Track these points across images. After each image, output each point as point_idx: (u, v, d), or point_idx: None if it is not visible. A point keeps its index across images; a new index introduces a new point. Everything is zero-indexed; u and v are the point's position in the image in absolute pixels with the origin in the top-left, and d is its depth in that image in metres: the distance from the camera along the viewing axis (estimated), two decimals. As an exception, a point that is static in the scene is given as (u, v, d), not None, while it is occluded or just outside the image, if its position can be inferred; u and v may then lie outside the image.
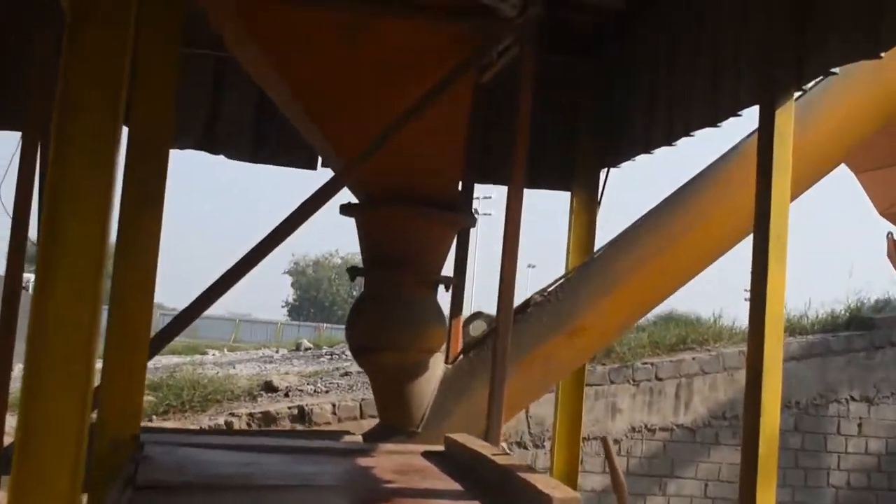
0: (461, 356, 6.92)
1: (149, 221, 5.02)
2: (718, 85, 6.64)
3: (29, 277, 9.31)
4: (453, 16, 6.02)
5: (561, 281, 7.07)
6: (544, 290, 7.02)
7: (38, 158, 6.90)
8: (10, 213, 6.33)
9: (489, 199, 51.12)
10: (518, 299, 6.24)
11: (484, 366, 6.33)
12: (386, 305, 6.50)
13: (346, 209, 6.71)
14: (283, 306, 78.70)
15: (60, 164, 3.61)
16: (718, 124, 6.72)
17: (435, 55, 6.18)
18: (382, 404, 6.78)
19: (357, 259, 7.45)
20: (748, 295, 5.30)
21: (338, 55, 6.08)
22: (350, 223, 6.79)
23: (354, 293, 57.22)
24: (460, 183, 6.82)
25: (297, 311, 75.47)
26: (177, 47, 5.13)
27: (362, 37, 6.06)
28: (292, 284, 79.18)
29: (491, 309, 6.50)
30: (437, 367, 6.73)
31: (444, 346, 6.97)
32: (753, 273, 5.50)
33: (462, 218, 6.70)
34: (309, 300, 76.60)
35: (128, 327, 5.00)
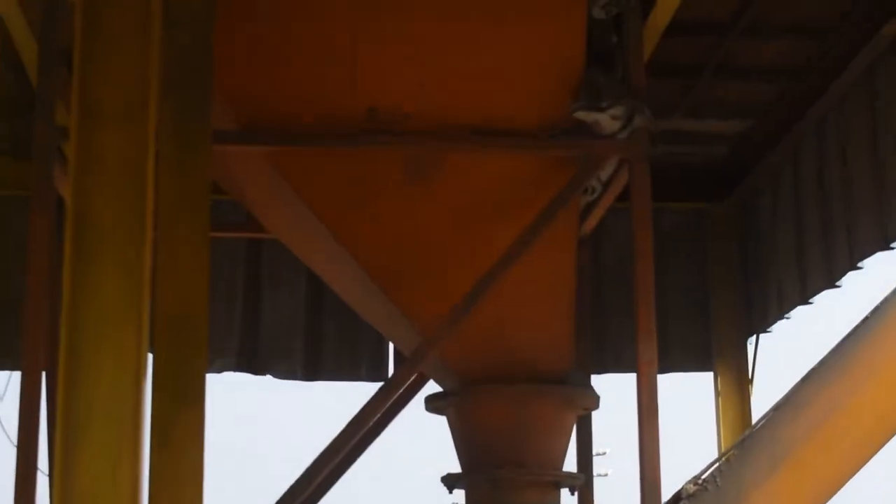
0: (602, 575, 6.55)
1: (188, 462, 4.86)
2: (891, 196, 6.53)
3: None
4: (542, 139, 5.98)
5: (717, 463, 6.73)
6: (697, 477, 6.68)
7: (42, 391, 6.89)
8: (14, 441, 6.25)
9: (602, 456, 50.06)
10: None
11: (634, 584, 5.96)
12: (496, 516, 6.21)
13: (433, 402, 6.50)
14: None
15: (73, 421, 3.82)
16: (894, 245, 6.59)
17: (525, 190, 6.06)
18: None
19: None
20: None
21: (407, 202, 6.02)
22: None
23: None
24: (574, 354, 6.62)
25: None
26: (207, 237, 5.12)
27: (435, 176, 6.03)
28: None
29: (632, 511, 6.20)
30: (573, 591, 6.36)
31: (577, 565, 6.64)
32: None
33: (581, 394, 6.47)
34: None
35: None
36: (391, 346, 8.49)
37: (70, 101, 4.28)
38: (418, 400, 6.90)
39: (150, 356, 4.40)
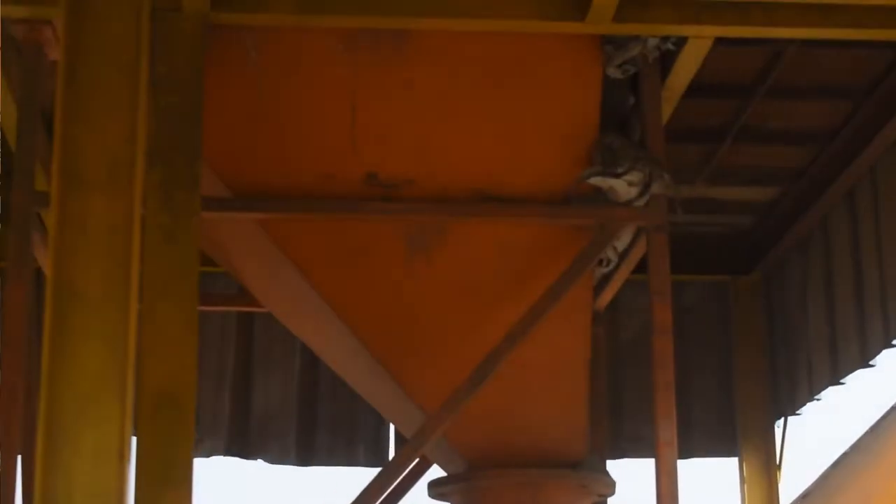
0: None
1: None
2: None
3: None
4: (553, 207, 6.01)
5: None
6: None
7: (18, 472, 6.90)
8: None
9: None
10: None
11: None
12: None
13: (437, 487, 6.49)
14: None
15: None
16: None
17: (535, 261, 6.09)
18: None
19: None
20: None
21: (409, 272, 6.04)
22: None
23: None
24: (588, 436, 6.63)
25: None
26: (195, 310, 5.15)
27: (436, 247, 6.06)
28: None
29: None
30: None
31: None
32: None
33: (596, 480, 6.45)
34: None
35: None
36: (392, 428, 8.51)
37: (50, 165, 4.33)
38: (421, 486, 6.91)
39: (133, 437, 4.43)
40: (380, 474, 6.03)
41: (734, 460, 8.28)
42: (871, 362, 7.20)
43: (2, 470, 6.67)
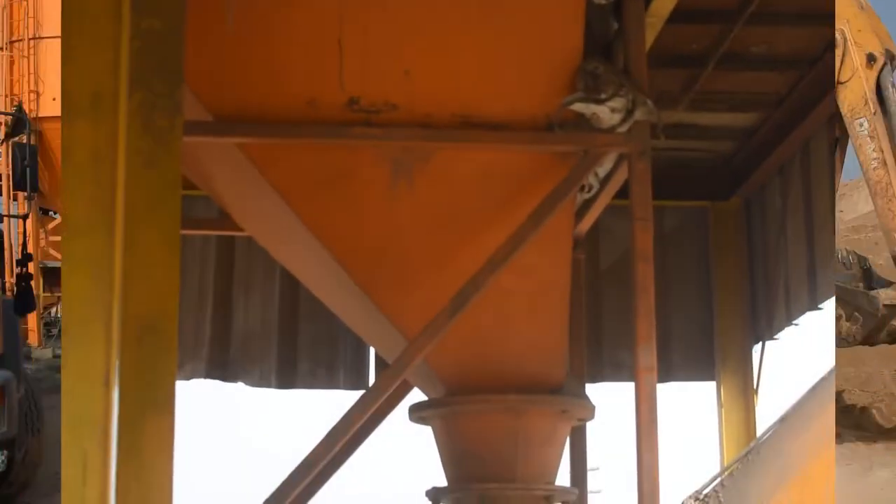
0: None
1: (156, 473, 4.87)
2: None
3: None
4: (537, 133, 6.02)
5: (720, 478, 6.80)
6: (699, 491, 6.75)
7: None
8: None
9: (596, 472, 50.09)
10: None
11: None
12: (483, 534, 6.26)
13: (417, 411, 6.54)
14: None
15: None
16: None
17: (517, 187, 6.11)
18: None
19: None
20: None
21: (391, 198, 6.05)
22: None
23: None
24: (568, 361, 6.68)
25: None
26: (177, 233, 5.14)
27: (419, 172, 6.06)
28: None
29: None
30: None
31: (572, 588, 6.69)
32: None
33: (575, 404, 6.52)
34: None
35: None
36: (372, 352, 8.56)
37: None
38: (402, 409, 6.97)
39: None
40: (361, 398, 6.05)
41: (712, 384, 8.36)
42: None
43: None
